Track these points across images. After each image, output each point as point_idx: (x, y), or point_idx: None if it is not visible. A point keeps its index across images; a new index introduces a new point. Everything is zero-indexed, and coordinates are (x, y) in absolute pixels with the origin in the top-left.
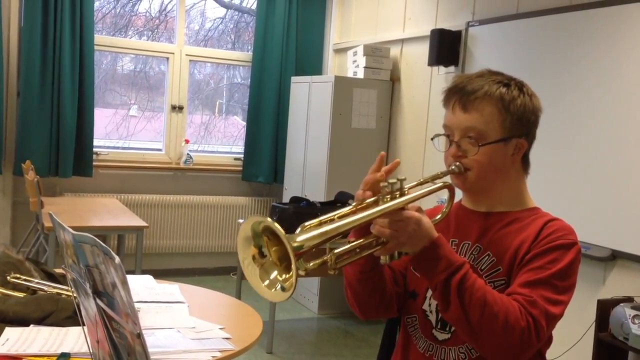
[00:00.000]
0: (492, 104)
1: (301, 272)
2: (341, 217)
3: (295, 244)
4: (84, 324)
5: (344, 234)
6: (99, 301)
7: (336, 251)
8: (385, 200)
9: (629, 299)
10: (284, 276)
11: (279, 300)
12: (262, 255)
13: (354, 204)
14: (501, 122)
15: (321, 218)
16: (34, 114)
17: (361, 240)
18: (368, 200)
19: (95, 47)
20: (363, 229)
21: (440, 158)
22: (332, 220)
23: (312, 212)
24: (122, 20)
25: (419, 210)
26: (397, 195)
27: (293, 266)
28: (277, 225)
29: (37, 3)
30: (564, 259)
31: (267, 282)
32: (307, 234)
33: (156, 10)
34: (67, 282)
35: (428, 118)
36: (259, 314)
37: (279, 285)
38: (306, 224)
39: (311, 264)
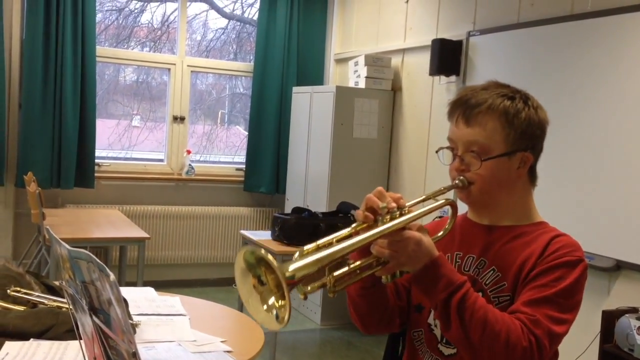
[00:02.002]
0: (495, 118)
1: (300, 296)
2: (340, 240)
3: (287, 274)
4: (81, 339)
5: (341, 259)
6: (95, 318)
7: (335, 274)
8: (385, 220)
9: (634, 310)
10: (280, 302)
11: (276, 329)
12: (261, 283)
13: (354, 225)
14: (505, 136)
15: (319, 242)
16: (36, 126)
17: (360, 262)
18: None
19: (98, 59)
20: (363, 249)
21: (442, 167)
22: (330, 245)
23: (314, 223)
24: (124, 32)
25: (420, 229)
26: (397, 215)
27: (286, 295)
28: (269, 257)
29: (39, 14)
30: (569, 276)
31: (265, 307)
32: (301, 261)
33: (158, 22)
34: (65, 295)
35: (430, 127)
36: (260, 326)
37: (275, 312)
38: (305, 248)
39: (309, 288)
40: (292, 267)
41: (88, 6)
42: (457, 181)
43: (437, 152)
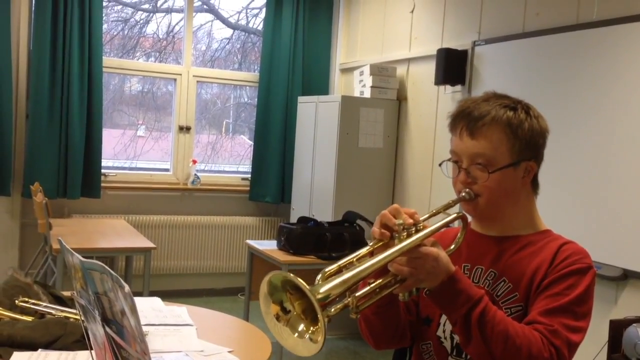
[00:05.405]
0: (500, 130)
1: (324, 319)
2: (360, 259)
3: (319, 296)
4: (91, 348)
5: (364, 278)
6: (108, 329)
7: (357, 294)
8: (402, 237)
9: None
10: (311, 329)
11: (312, 354)
12: (285, 311)
13: (371, 243)
14: (510, 147)
15: (340, 263)
16: (43, 136)
17: (380, 280)
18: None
19: (104, 69)
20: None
21: (448, 176)
22: (351, 265)
23: (319, 232)
24: (130, 42)
25: (434, 244)
26: (413, 232)
27: (320, 317)
28: (299, 280)
29: (46, 25)
30: (581, 284)
31: (296, 335)
32: (329, 283)
33: (164, 32)
34: (76, 306)
35: (435, 137)
36: (267, 336)
37: (307, 337)
38: (326, 270)
39: (333, 310)
40: (322, 289)
41: (94, 17)
42: (464, 194)
43: (440, 165)
